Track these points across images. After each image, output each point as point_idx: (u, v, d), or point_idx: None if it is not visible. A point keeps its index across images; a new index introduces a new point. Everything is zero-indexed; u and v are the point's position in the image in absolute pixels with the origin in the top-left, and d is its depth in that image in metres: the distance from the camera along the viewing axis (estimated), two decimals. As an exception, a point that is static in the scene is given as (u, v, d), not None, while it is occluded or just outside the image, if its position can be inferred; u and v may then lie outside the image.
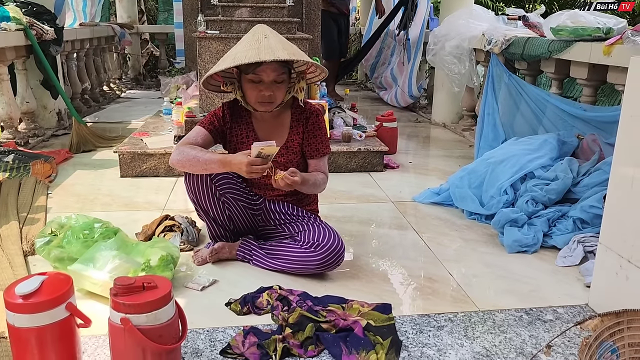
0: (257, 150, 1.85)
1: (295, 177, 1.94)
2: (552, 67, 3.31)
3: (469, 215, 2.75)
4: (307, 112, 2.18)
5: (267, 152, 1.86)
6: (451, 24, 4.48)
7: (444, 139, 4.68)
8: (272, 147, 1.86)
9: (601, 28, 2.89)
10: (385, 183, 3.34)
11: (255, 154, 1.86)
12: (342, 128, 3.69)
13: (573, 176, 2.57)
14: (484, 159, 2.93)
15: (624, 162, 1.74)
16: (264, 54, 1.93)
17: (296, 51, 2.06)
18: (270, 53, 1.93)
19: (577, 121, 3.03)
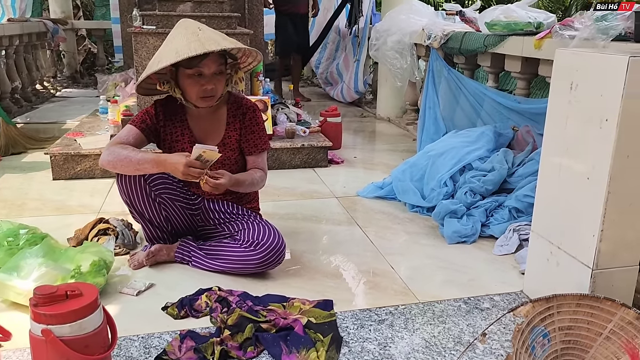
0: (198, 152, 1.80)
1: (221, 180, 1.89)
2: (488, 61, 3.39)
3: (411, 208, 2.78)
4: (244, 108, 2.14)
5: (208, 156, 1.81)
6: (392, 19, 4.52)
7: (388, 133, 4.73)
8: (214, 152, 1.81)
9: (532, 22, 2.97)
10: (330, 178, 3.33)
11: (196, 156, 1.81)
12: (286, 124, 3.66)
13: (508, 167, 2.64)
14: (425, 152, 2.97)
15: (551, 152, 1.79)
16: (209, 45, 1.89)
17: (233, 39, 2.04)
18: (215, 44, 1.91)
19: (512, 113, 3.12)
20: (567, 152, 1.71)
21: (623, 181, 1.56)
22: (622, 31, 2.37)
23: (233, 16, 3.79)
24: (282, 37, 5.83)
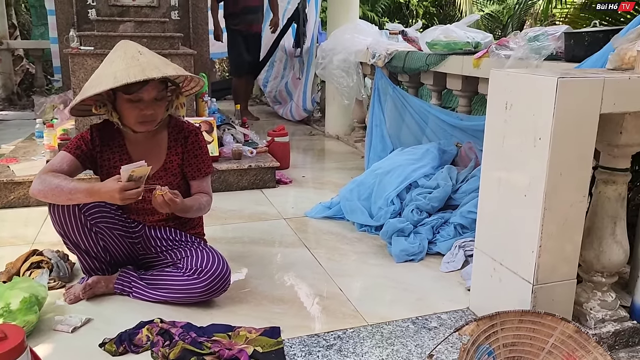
0: (127, 173, 1.72)
1: (177, 199, 1.84)
2: (430, 79, 3.46)
3: (359, 228, 2.78)
4: (186, 131, 2.08)
5: (139, 173, 1.74)
6: (337, 38, 4.57)
7: (337, 151, 4.74)
8: (143, 167, 1.74)
9: (470, 42, 3.07)
10: (278, 199, 3.30)
11: (126, 178, 1.73)
12: (232, 145, 3.61)
13: (453, 183, 2.68)
14: (372, 170, 2.99)
15: (490, 170, 1.83)
16: (149, 71, 1.81)
17: (175, 65, 1.98)
18: (156, 70, 1.83)
19: (455, 130, 3.19)
20: (504, 169, 1.75)
21: (558, 197, 1.60)
22: (554, 51, 2.47)
23: (176, 36, 3.73)
24: (235, 56, 5.75)
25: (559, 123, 1.53)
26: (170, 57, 3.58)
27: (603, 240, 1.81)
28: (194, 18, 5.00)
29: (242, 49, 5.62)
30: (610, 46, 1.91)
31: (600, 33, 2.23)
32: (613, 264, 1.83)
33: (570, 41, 2.34)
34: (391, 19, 8.08)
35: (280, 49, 6.45)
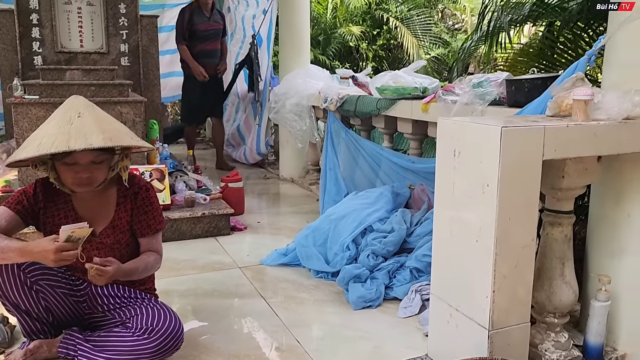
0: (66, 234, 1.64)
1: (108, 268, 1.74)
2: (382, 122, 3.53)
3: (316, 275, 2.75)
4: (136, 187, 2.00)
5: (78, 234, 1.66)
6: (290, 82, 4.63)
7: (292, 194, 4.73)
8: (83, 229, 1.66)
9: (418, 87, 3.16)
10: (232, 247, 3.23)
11: (64, 239, 1.65)
12: (185, 193, 3.54)
13: (407, 226, 2.71)
14: (327, 215, 2.98)
15: (442, 216, 1.85)
16: (74, 141, 1.70)
17: (115, 131, 1.84)
18: (82, 139, 1.72)
19: (407, 172, 3.24)
20: (456, 215, 1.77)
21: (508, 242, 1.63)
22: (497, 96, 2.56)
23: (125, 84, 3.69)
24: (187, 101, 5.54)
25: (505, 170, 1.57)
26: (120, 105, 3.56)
27: (553, 282, 1.86)
28: (145, 64, 4.97)
29: (197, 94, 5.40)
30: (549, 93, 2.01)
31: (538, 80, 2.34)
32: (564, 305, 1.86)
33: (512, 88, 2.44)
34: (342, 62, 8.28)
35: (233, 93, 6.47)
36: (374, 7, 8.58)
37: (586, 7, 3.23)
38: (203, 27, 5.27)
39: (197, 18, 5.24)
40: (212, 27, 5.33)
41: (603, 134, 1.71)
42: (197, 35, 5.26)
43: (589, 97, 1.71)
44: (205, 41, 5.32)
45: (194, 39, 5.27)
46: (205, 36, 5.30)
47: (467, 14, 9.41)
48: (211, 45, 5.39)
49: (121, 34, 4.73)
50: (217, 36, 5.44)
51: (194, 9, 5.27)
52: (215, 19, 5.39)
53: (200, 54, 5.31)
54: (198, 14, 5.26)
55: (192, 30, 5.22)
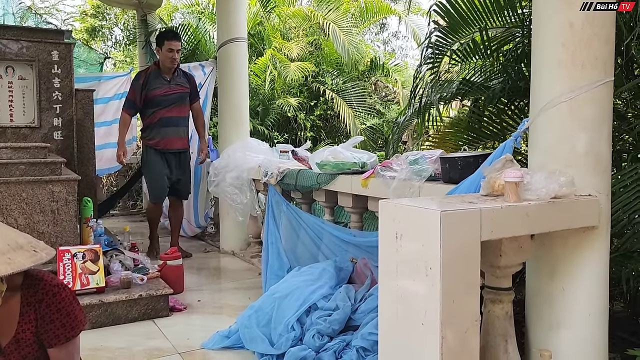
0: None
1: None
2: (322, 196, 3.57)
3: (260, 357, 2.65)
4: (40, 294, 1.71)
5: None
6: (230, 156, 4.65)
7: (233, 268, 4.62)
8: None
9: (357, 162, 3.25)
10: (172, 330, 3.08)
11: None
12: (121, 273, 3.38)
13: (352, 303, 2.69)
14: (270, 294, 2.92)
15: (387, 300, 1.85)
16: None
17: None
18: None
19: (349, 246, 3.26)
20: (400, 298, 1.78)
21: (453, 325, 1.64)
22: (433, 173, 2.67)
23: (58, 162, 3.56)
24: (151, 176, 4.79)
25: (446, 253, 1.61)
26: (52, 184, 3.41)
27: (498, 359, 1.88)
28: (79, 137, 4.84)
29: (160, 167, 4.72)
30: (480, 172, 2.12)
31: (470, 158, 2.47)
32: (510, 382, 1.88)
33: (446, 165, 2.55)
34: (280, 132, 8.42)
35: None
36: (310, 80, 8.89)
37: (507, 85, 3.49)
38: (161, 92, 4.69)
39: (154, 82, 4.70)
40: (173, 91, 4.73)
41: (534, 214, 1.80)
42: (155, 101, 4.69)
43: (519, 179, 1.81)
44: (166, 107, 4.71)
45: (151, 105, 4.70)
46: (165, 102, 4.70)
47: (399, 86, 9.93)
48: (175, 112, 4.74)
49: (54, 108, 4.62)
50: (182, 101, 4.80)
51: (151, 72, 4.74)
52: (179, 82, 4.79)
53: (160, 122, 4.70)
54: (155, 77, 4.72)
55: (149, 96, 4.67)
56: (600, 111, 1.94)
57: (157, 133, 4.71)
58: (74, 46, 4.93)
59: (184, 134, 4.85)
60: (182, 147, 4.83)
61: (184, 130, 4.85)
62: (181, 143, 4.82)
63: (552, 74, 1.97)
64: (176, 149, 4.77)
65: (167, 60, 4.68)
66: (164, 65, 4.73)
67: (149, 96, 4.67)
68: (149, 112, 4.73)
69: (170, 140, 4.72)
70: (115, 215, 7.54)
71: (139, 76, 4.81)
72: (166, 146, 4.72)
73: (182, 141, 4.82)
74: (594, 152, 1.94)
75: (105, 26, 12.86)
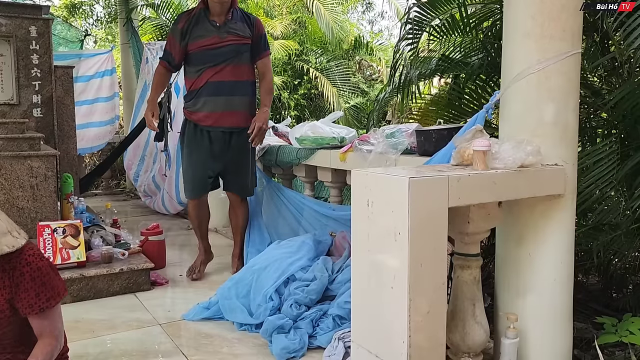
0: None
1: None
2: (302, 171, 3.61)
3: (239, 327, 2.70)
4: (15, 261, 1.74)
5: None
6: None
7: (215, 245, 4.61)
8: None
9: (336, 137, 3.28)
10: (153, 303, 3.12)
11: None
12: (102, 248, 3.40)
13: (329, 274, 2.75)
14: (249, 266, 2.97)
15: (359, 264, 1.91)
16: None
17: None
18: None
19: (329, 220, 3.31)
20: (371, 263, 1.84)
21: (420, 287, 1.70)
22: (408, 146, 2.72)
23: (36, 137, 3.54)
24: (188, 164, 3.49)
25: (414, 218, 1.66)
26: (30, 159, 3.41)
27: (466, 323, 1.95)
28: (60, 115, 4.81)
29: (201, 152, 3.41)
30: (453, 143, 2.16)
31: (444, 131, 2.52)
32: (477, 344, 1.95)
33: (421, 138, 2.60)
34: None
35: (152, 142, 6.36)
36: (294, 59, 8.85)
37: (486, 61, 3.53)
38: (208, 43, 3.28)
39: (199, 28, 3.30)
40: (225, 42, 3.29)
41: (501, 182, 1.85)
42: (198, 56, 3.31)
43: (486, 148, 1.86)
44: (215, 65, 3.29)
45: (194, 62, 3.34)
46: (214, 58, 3.29)
47: (383, 65, 9.93)
48: (229, 74, 3.32)
49: (33, 85, 4.58)
50: (239, 57, 3.34)
51: (196, 14, 3.32)
52: (234, 29, 3.32)
53: (208, 88, 3.32)
54: (200, 21, 3.30)
55: (190, 48, 3.32)
56: (568, 82, 1.99)
57: (203, 104, 3.33)
58: (52, 22, 4.85)
59: (243, 105, 3.41)
60: (236, 124, 3.39)
61: (243, 100, 3.41)
62: (237, 119, 3.39)
63: (522, 46, 2.01)
64: (229, 127, 3.38)
65: None
66: (212, 3, 3.27)
67: (190, 49, 3.31)
68: (192, 72, 3.37)
69: (221, 115, 3.35)
70: (99, 195, 7.51)
71: (179, 19, 3.38)
72: (215, 123, 3.35)
73: (237, 116, 3.39)
74: (561, 122, 1.99)
75: (85, 3, 12.62)
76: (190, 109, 3.43)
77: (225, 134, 3.42)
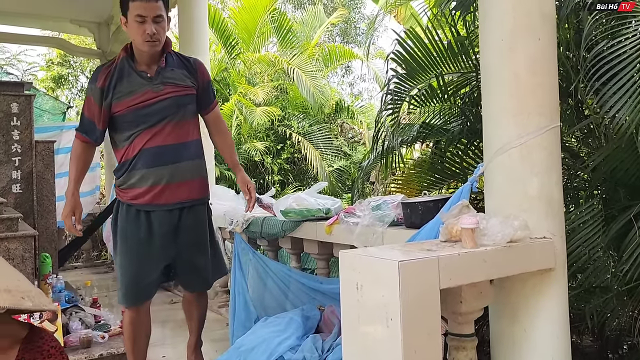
0: None
1: None
2: (288, 243, 3.55)
3: (226, 415, 2.56)
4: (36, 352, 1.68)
5: None
6: (195, 204, 4.59)
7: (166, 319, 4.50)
8: None
9: (321, 209, 3.26)
10: (134, 390, 2.95)
11: None
12: (81, 332, 3.26)
13: (319, 354, 2.65)
14: (236, 347, 2.86)
15: (349, 346, 1.83)
16: None
17: None
18: None
19: (317, 293, 3.23)
20: (364, 348, 1.76)
21: (416, 376, 1.63)
22: (395, 218, 2.70)
23: (14, 217, 3.46)
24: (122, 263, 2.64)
25: (406, 303, 1.61)
26: (7, 241, 3.31)
27: (464, 408, 1.86)
28: (39, 190, 4.75)
29: (139, 244, 2.60)
30: (439, 218, 2.15)
31: (430, 203, 2.51)
32: None
33: (407, 210, 2.58)
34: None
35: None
36: (276, 124, 8.98)
37: (466, 127, 3.60)
38: (139, 101, 2.54)
39: (125, 82, 2.56)
40: (160, 95, 2.56)
41: (492, 259, 1.82)
42: (128, 118, 2.56)
43: (474, 225, 1.85)
44: (151, 126, 2.56)
45: (123, 127, 2.59)
46: (148, 117, 2.55)
47: (364, 128, 10.11)
48: (171, 135, 2.59)
49: (13, 161, 4.55)
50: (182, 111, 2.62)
51: (118, 66, 2.57)
52: (170, 77, 2.60)
53: (144, 157, 2.56)
54: (126, 74, 2.56)
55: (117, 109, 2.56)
56: (549, 156, 2.01)
57: (138, 178, 2.58)
58: (34, 97, 4.88)
59: (194, 172, 2.70)
60: (188, 197, 2.67)
61: (193, 165, 2.69)
62: (187, 190, 2.66)
63: (502, 121, 2.04)
64: (176, 202, 2.63)
65: (139, 39, 2.49)
66: (138, 51, 2.57)
67: (116, 110, 2.56)
68: (121, 140, 2.61)
69: (165, 189, 2.58)
70: (79, 267, 7.32)
71: (96, 76, 2.58)
72: (156, 199, 2.58)
73: (188, 187, 2.67)
74: (545, 195, 2.00)
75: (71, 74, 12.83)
76: (122, 187, 2.63)
77: (172, 212, 2.62)
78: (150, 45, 2.51)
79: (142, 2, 2.45)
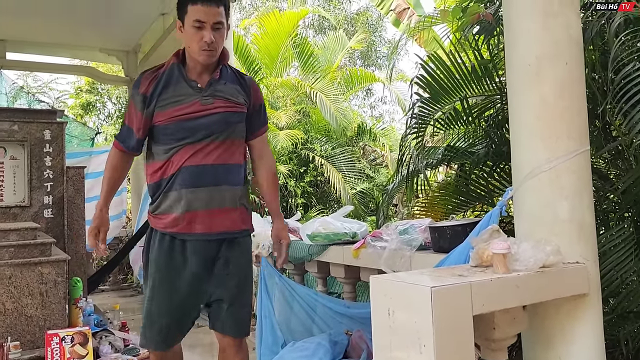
0: None
1: None
2: (315, 267, 3.56)
3: None
4: None
5: None
6: (221, 228, 4.63)
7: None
8: None
9: (348, 233, 3.27)
10: (163, 415, 2.96)
11: None
12: (110, 356, 3.30)
13: (348, 380, 2.63)
14: (264, 372, 2.85)
15: (383, 377, 1.82)
16: None
17: None
18: None
19: (344, 318, 3.22)
20: (396, 376, 1.75)
21: (450, 404, 1.61)
22: (423, 242, 2.69)
23: (47, 242, 3.54)
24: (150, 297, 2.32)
25: (438, 330, 1.60)
26: (41, 266, 3.39)
27: None
28: (70, 214, 4.84)
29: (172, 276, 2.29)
30: (469, 242, 2.14)
31: (459, 227, 2.50)
32: None
33: (435, 234, 2.57)
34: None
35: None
36: (299, 147, 9.05)
37: (491, 150, 3.59)
38: (186, 112, 2.26)
39: (172, 90, 2.29)
40: (210, 109, 2.28)
41: (524, 285, 1.81)
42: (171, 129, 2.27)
43: (506, 251, 1.84)
44: (195, 142, 2.27)
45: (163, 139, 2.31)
46: (193, 131, 2.27)
47: (387, 150, 10.13)
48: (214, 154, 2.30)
49: (45, 187, 4.66)
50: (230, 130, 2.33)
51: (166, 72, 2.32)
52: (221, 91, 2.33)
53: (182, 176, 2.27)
54: (174, 81, 2.31)
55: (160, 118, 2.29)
56: (579, 179, 2.00)
57: (174, 200, 2.28)
58: (66, 125, 5.02)
59: (234, 200, 2.37)
60: (229, 227, 2.35)
61: (234, 192, 2.36)
62: (229, 220, 2.35)
63: (530, 145, 2.04)
64: (217, 233, 2.32)
65: (195, 47, 2.25)
66: (191, 59, 2.33)
67: (158, 120, 2.29)
68: (160, 154, 2.32)
69: (206, 216, 2.29)
70: (106, 291, 7.41)
71: (140, 81, 2.33)
72: (192, 229, 2.29)
73: (230, 216, 2.35)
74: (577, 219, 1.98)
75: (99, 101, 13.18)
76: (156, 212, 2.33)
77: (211, 244, 2.32)
78: (207, 55, 2.26)
79: (203, 7, 2.20)
